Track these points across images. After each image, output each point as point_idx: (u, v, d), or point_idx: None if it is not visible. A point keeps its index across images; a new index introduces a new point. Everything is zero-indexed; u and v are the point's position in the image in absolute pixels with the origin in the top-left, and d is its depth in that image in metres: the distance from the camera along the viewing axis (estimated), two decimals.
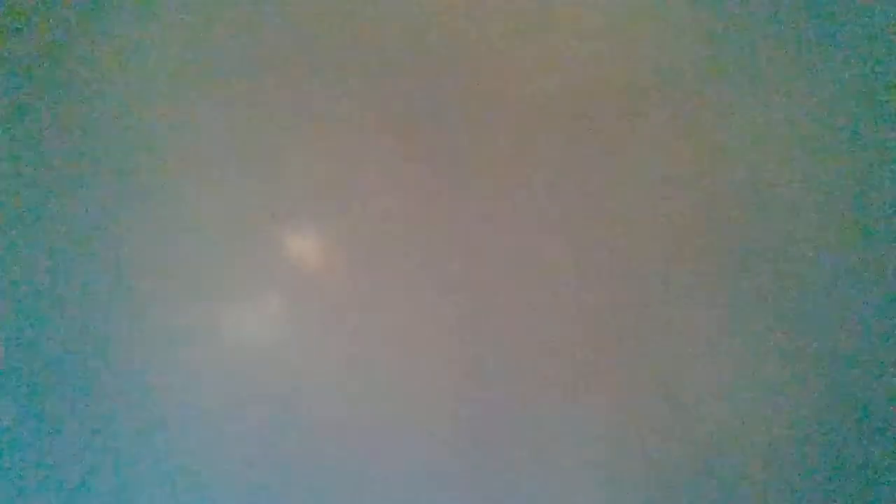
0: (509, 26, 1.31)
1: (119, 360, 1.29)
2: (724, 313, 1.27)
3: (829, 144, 1.28)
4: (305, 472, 1.28)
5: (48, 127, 1.32)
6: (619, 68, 1.30)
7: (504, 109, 1.30)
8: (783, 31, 1.29)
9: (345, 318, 1.30)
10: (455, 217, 1.30)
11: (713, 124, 1.29)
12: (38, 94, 1.33)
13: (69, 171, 1.32)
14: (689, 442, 1.26)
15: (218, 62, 1.32)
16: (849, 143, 1.28)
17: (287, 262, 1.31)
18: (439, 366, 1.29)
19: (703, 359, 1.27)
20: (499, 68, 1.31)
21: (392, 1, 1.32)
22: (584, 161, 1.30)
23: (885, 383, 1.25)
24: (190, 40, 1.33)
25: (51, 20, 1.33)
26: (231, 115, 1.32)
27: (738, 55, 1.29)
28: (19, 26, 1.33)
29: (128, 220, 1.31)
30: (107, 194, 1.31)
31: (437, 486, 1.27)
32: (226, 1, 1.33)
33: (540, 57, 1.31)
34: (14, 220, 1.31)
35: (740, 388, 1.26)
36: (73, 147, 1.32)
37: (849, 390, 1.25)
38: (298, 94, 1.32)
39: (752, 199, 1.28)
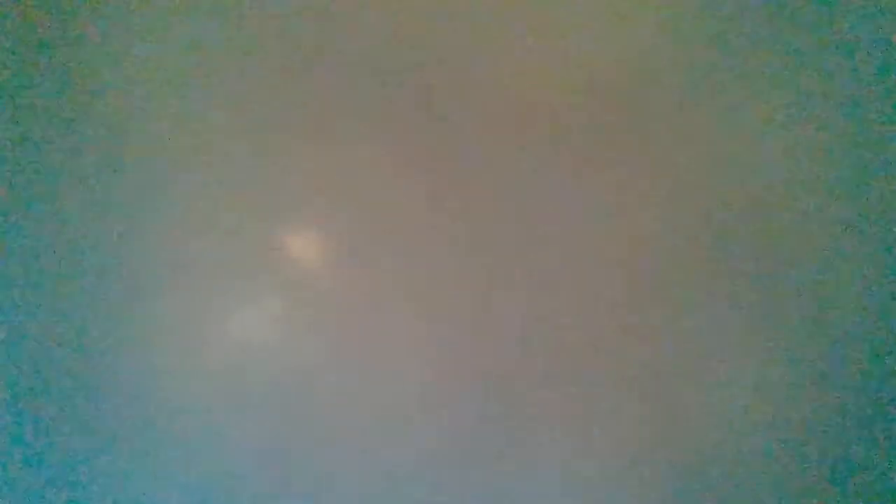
0: (509, 26, 1.31)
1: (116, 360, 1.29)
2: (725, 314, 1.27)
3: (831, 145, 1.28)
4: (305, 471, 1.28)
5: (46, 126, 1.32)
6: (621, 69, 1.30)
7: (504, 111, 1.30)
8: (785, 33, 1.29)
9: (344, 317, 1.30)
10: (455, 217, 1.30)
11: (715, 125, 1.29)
12: (36, 94, 1.32)
13: (67, 171, 1.32)
14: (689, 442, 1.26)
15: (217, 62, 1.32)
16: (850, 144, 1.28)
17: (286, 262, 1.31)
18: (439, 366, 1.29)
19: (704, 359, 1.27)
20: (499, 69, 1.31)
21: (392, 1, 1.32)
22: (584, 161, 1.30)
23: (885, 384, 1.25)
24: (189, 39, 1.33)
25: (50, 18, 1.33)
26: (230, 114, 1.32)
27: (740, 56, 1.29)
28: (18, 24, 1.33)
29: (126, 219, 1.31)
30: (107, 194, 1.31)
31: (437, 486, 1.27)
32: (225, 1, 1.33)
33: (541, 57, 1.31)
34: (13, 220, 1.31)
35: (740, 388, 1.26)
36: (71, 146, 1.32)
37: (849, 391, 1.25)
38: (297, 93, 1.32)
39: (753, 200, 1.28)
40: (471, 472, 1.27)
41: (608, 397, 1.27)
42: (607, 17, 1.31)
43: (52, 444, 1.29)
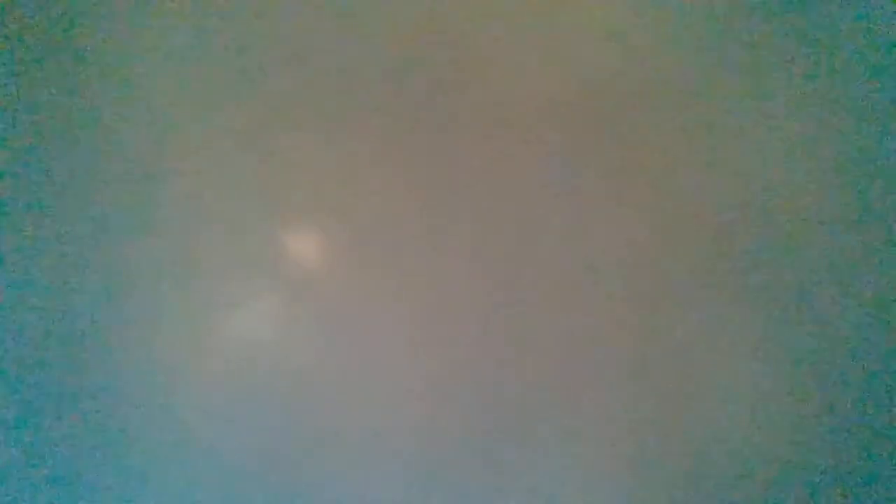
0: (511, 28, 1.32)
1: (117, 361, 1.29)
2: (725, 315, 1.27)
3: (830, 147, 1.28)
4: (304, 471, 1.28)
5: (48, 124, 1.32)
6: (622, 71, 1.30)
7: (505, 112, 1.31)
8: (785, 35, 1.29)
9: (344, 317, 1.30)
10: (456, 218, 1.30)
11: (715, 126, 1.29)
12: (38, 91, 1.33)
13: (69, 171, 1.32)
14: (690, 442, 1.26)
15: (218, 62, 1.32)
16: (849, 146, 1.28)
17: (287, 262, 1.31)
18: (439, 366, 1.29)
19: (704, 360, 1.27)
20: (500, 71, 1.31)
21: (394, 1, 1.32)
22: (585, 163, 1.30)
23: (884, 384, 1.25)
24: (192, 39, 1.33)
25: (54, 16, 1.33)
26: (232, 113, 1.32)
27: (740, 58, 1.29)
28: (21, 22, 1.33)
29: (128, 218, 1.31)
30: (109, 194, 1.31)
31: (437, 487, 1.27)
32: (228, 1, 1.33)
33: (542, 59, 1.31)
34: (15, 219, 1.31)
35: (740, 388, 1.26)
36: (72, 145, 1.32)
37: (849, 391, 1.25)
38: (298, 93, 1.32)
39: (753, 201, 1.28)
40: (470, 470, 1.27)
41: (610, 399, 1.27)
42: (607, 20, 1.31)
43: (52, 443, 1.29)
